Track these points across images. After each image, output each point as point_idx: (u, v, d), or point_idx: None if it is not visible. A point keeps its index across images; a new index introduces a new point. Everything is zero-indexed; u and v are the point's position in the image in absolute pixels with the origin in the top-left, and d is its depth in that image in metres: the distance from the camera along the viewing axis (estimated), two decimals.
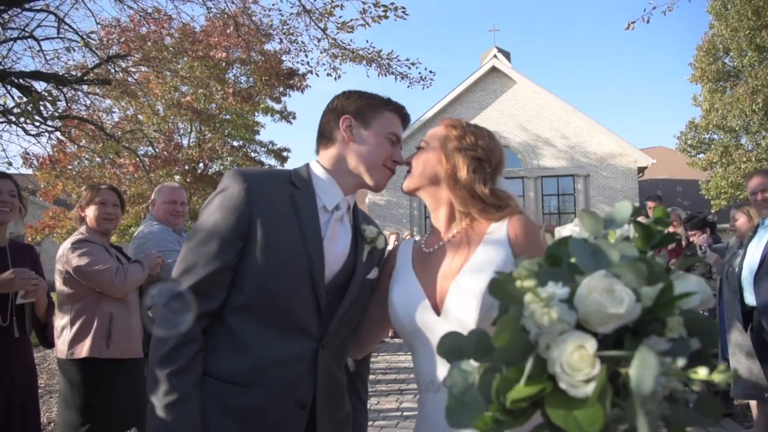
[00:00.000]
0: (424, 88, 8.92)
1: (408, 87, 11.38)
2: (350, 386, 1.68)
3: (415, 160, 1.58)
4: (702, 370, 0.65)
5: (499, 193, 1.50)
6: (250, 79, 17.12)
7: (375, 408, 5.55)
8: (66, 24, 7.31)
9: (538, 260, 0.80)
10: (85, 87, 8.38)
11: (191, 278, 1.41)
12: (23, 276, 2.65)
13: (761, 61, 17.07)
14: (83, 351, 2.99)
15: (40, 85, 7.72)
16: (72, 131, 9.23)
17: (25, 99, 7.19)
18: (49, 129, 8.06)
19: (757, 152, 17.85)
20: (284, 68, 14.60)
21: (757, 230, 3.91)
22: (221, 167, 17.49)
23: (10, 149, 38.62)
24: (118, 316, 3.09)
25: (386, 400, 5.94)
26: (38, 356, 7.86)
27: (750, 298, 3.77)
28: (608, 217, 0.83)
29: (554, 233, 0.88)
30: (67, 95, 8.02)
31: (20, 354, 2.75)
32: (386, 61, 8.37)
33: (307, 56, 8.72)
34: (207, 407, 1.40)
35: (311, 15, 7.57)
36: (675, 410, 0.65)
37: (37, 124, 7.49)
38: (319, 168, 1.60)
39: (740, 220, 4.52)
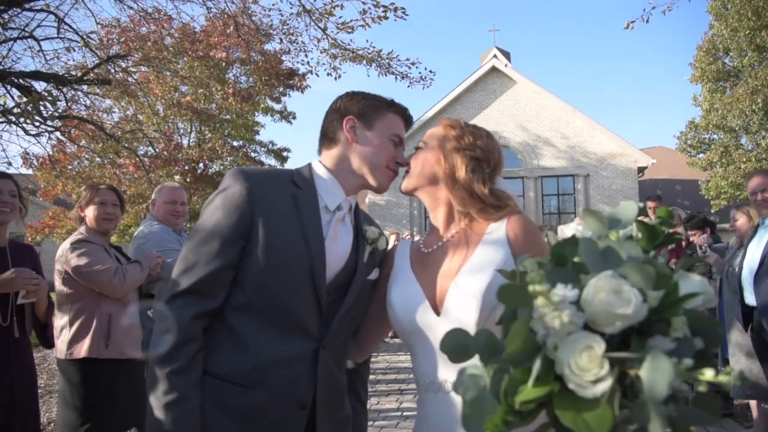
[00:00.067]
0: (424, 87, 8.91)
1: (408, 87, 11.40)
2: (350, 387, 1.68)
3: (413, 160, 1.58)
4: (709, 371, 0.65)
5: (498, 193, 1.50)
6: (250, 79, 17.11)
7: (375, 408, 5.55)
8: (66, 24, 7.30)
9: (539, 260, 0.80)
10: (85, 87, 8.37)
11: (192, 277, 1.41)
12: (24, 276, 2.65)
13: (761, 61, 17.07)
14: (82, 351, 2.99)
15: (40, 85, 7.71)
16: (72, 131, 9.22)
17: (25, 99, 7.18)
18: (49, 129, 8.05)
19: (757, 152, 17.84)
20: (284, 68, 14.58)
21: (757, 230, 3.91)
22: (221, 167, 17.48)
23: (10, 149, 38.72)
24: (117, 316, 3.09)
25: (386, 400, 5.94)
26: (38, 356, 7.85)
27: (750, 298, 3.77)
28: (613, 217, 0.83)
29: (557, 232, 0.88)
30: (67, 95, 8.01)
31: (20, 354, 2.75)
32: (386, 60, 8.36)
33: (307, 56, 8.71)
34: (207, 407, 1.40)
35: (311, 15, 7.56)
36: (679, 410, 0.65)
37: (37, 124, 7.48)
38: (321, 168, 1.60)
39: (740, 220, 4.52)
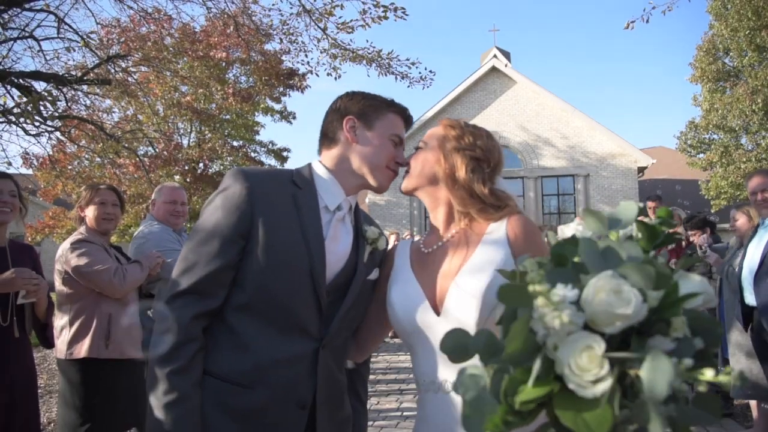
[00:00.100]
0: (424, 87, 8.91)
1: (408, 87, 11.39)
2: (350, 387, 1.68)
3: (413, 160, 1.58)
4: (709, 371, 0.65)
5: (497, 193, 1.50)
6: (250, 79, 17.10)
7: (375, 408, 5.55)
8: (66, 24, 7.30)
9: (538, 260, 0.80)
10: (85, 87, 8.36)
11: (192, 277, 1.41)
12: (24, 276, 2.65)
13: (761, 61, 17.06)
14: (82, 351, 2.99)
15: (40, 85, 7.71)
16: (72, 131, 9.21)
17: (25, 99, 7.18)
18: (49, 129, 8.04)
19: (757, 152, 17.84)
20: (284, 68, 14.59)
21: (757, 230, 3.91)
22: (221, 167, 17.48)
23: (10, 149, 38.65)
24: (117, 316, 3.09)
25: (386, 400, 5.94)
26: (38, 356, 7.85)
27: (750, 298, 3.77)
28: (613, 217, 0.83)
29: (558, 232, 0.88)
30: (67, 95, 8.00)
31: (20, 354, 2.75)
32: (386, 60, 8.36)
33: (307, 56, 8.69)
34: (207, 407, 1.40)
35: (311, 15, 7.56)
36: (679, 410, 0.65)
37: (37, 124, 7.48)
38: (321, 168, 1.60)
39: (740, 220, 4.52)
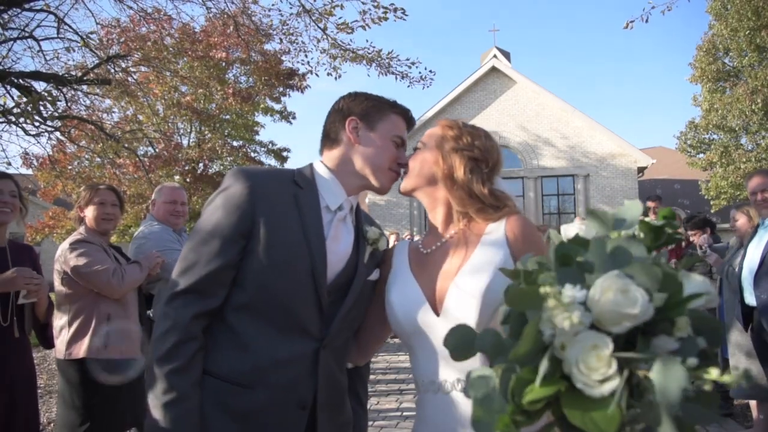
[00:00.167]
0: (424, 87, 8.91)
1: (408, 87, 11.40)
2: (350, 388, 1.67)
3: (412, 161, 1.58)
4: (714, 370, 0.66)
5: (496, 193, 1.50)
6: (250, 79, 17.10)
7: (375, 408, 5.55)
8: (66, 24, 7.29)
9: (539, 259, 0.80)
10: (85, 87, 8.36)
11: (192, 276, 1.41)
12: (25, 275, 2.65)
13: (761, 61, 17.06)
14: (81, 351, 2.98)
15: (39, 85, 7.71)
16: (72, 131, 9.21)
17: (24, 99, 7.17)
18: (49, 129, 8.04)
19: (757, 152, 17.85)
20: (284, 68, 14.60)
21: (757, 230, 3.91)
22: (221, 167, 17.48)
23: (10, 149, 38.62)
24: (116, 316, 3.09)
25: (386, 400, 5.94)
26: (38, 356, 7.85)
27: (750, 298, 3.77)
28: (617, 217, 0.83)
29: (560, 231, 0.88)
30: (66, 95, 8.00)
31: (20, 354, 2.75)
32: (386, 60, 8.37)
33: (306, 56, 8.66)
34: (207, 407, 1.40)
35: (311, 15, 7.56)
36: (684, 409, 0.65)
37: (36, 124, 7.47)
38: (322, 168, 1.60)
39: (740, 220, 4.52)
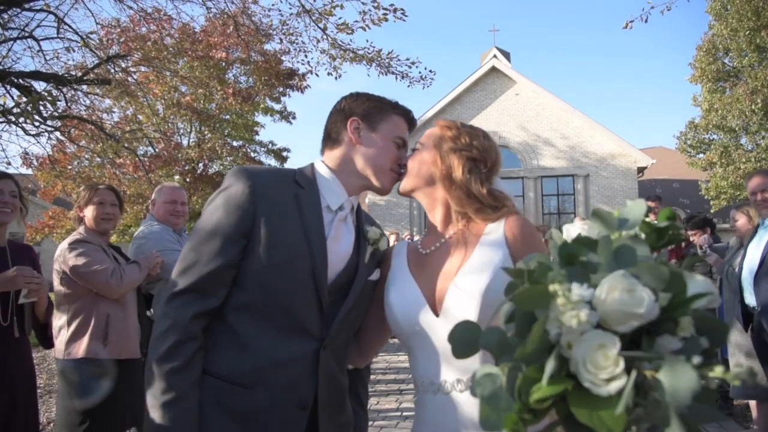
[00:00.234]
0: (424, 87, 8.92)
1: (408, 87, 11.39)
2: (350, 389, 1.67)
3: (410, 161, 1.58)
4: (719, 368, 0.66)
5: (495, 194, 1.50)
6: (250, 79, 17.11)
7: (375, 408, 5.55)
8: (66, 24, 7.30)
9: (539, 258, 0.80)
10: (85, 87, 8.36)
11: (192, 276, 1.41)
12: (25, 274, 2.65)
13: (761, 61, 17.06)
14: (80, 351, 2.98)
15: (39, 85, 7.71)
16: (72, 131, 9.21)
17: (24, 99, 7.18)
18: (49, 129, 8.05)
19: (757, 152, 17.85)
20: (284, 68, 14.61)
21: (757, 230, 3.91)
22: (221, 167, 17.49)
23: (10, 149, 38.50)
24: (115, 316, 3.09)
25: (386, 400, 5.94)
26: (38, 356, 7.85)
27: (750, 299, 3.77)
28: (621, 217, 0.83)
29: (562, 231, 0.88)
30: (66, 95, 7.99)
31: (20, 354, 2.75)
32: (386, 60, 8.37)
33: (306, 56, 8.65)
34: (207, 407, 1.40)
35: (311, 15, 7.56)
36: (691, 408, 0.66)
37: (36, 124, 7.48)
38: (324, 168, 1.60)
39: (740, 221, 4.52)
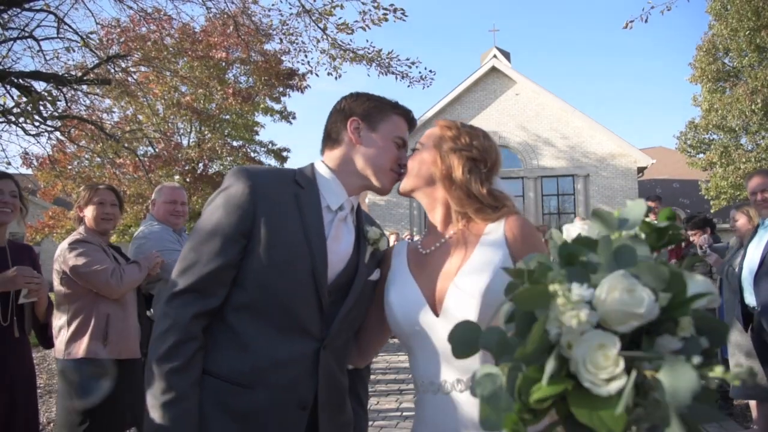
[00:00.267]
0: (424, 87, 8.92)
1: (408, 86, 11.39)
2: (350, 389, 1.67)
3: (410, 161, 1.58)
4: (719, 367, 0.66)
5: (495, 194, 1.50)
6: (250, 79, 17.11)
7: (375, 408, 5.55)
8: (66, 24, 7.30)
9: (539, 258, 0.80)
10: (85, 87, 8.36)
11: (192, 276, 1.41)
12: (26, 274, 2.65)
13: (761, 61, 17.06)
14: (80, 351, 2.98)
15: (39, 85, 7.71)
16: (72, 131, 9.21)
17: (24, 99, 7.18)
18: (49, 129, 8.05)
19: (757, 152, 17.85)
20: (284, 68, 14.61)
21: (757, 230, 3.91)
22: (221, 167, 17.49)
23: (10, 149, 38.47)
24: (115, 316, 3.09)
25: (386, 400, 5.94)
26: (38, 356, 7.85)
27: (750, 299, 3.77)
28: (621, 216, 0.83)
29: (562, 231, 0.88)
30: (66, 95, 8.00)
31: (20, 354, 2.75)
32: (386, 60, 8.37)
33: (306, 56, 8.66)
34: (207, 407, 1.40)
35: (311, 15, 7.56)
36: (691, 408, 0.66)
37: (36, 124, 7.48)
38: (324, 168, 1.60)
39: (740, 221, 4.52)
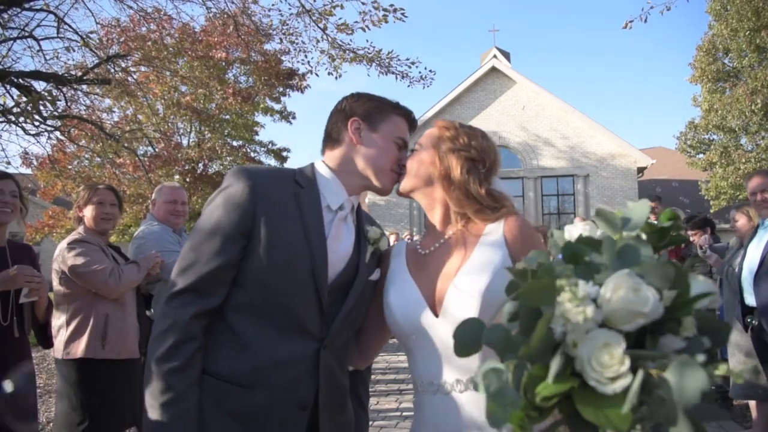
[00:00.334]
0: (424, 87, 8.93)
1: (408, 86, 11.39)
2: (351, 390, 1.67)
3: (409, 162, 1.58)
4: (723, 366, 0.66)
5: (494, 194, 1.50)
6: (250, 79, 17.11)
7: (374, 408, 5.55)
8: (66, 24, 7.30)
9: (539, 258, 0.80)
10: (84, 87, 8.37)
11: (192, 275, 1.40)
12: (26, 273, 2.65)
13: (761, 61, 17.06)
14: (79, 351, 2.98)
15: (39, 85, 7.72)
16: (72, 131, 9.22)
17: (24, 99, 7.18)
18: (49, 129, 8.06)
19: (757, 152, 17.85)
20: (284, 68, 14.62)
21: (757, 230, 3.91)
22: (221, 167, 17.50)
23: (10, 149, 38.37)
24: (114, 316, 3.09)
25: (386, 400, 5.94)
26: (38, 356, 7.85)
27: (750, 299, 3.77)
28: (624, 216, 0.84)
29: (564, 231, 0.88)
30: (66, 95, 8.00)
31: (20, 354, 2.75)
32: (386, 60, 8.37)
33: (306, 56, 8.66)
34: (207, 407, 1.39)
35: (311, 15, 7.56)
36: (697, 407, 0.66)
37: (36, 123, 7.49)
38: (324, 168, 1.60)
39: (740, 221, 4.52)
